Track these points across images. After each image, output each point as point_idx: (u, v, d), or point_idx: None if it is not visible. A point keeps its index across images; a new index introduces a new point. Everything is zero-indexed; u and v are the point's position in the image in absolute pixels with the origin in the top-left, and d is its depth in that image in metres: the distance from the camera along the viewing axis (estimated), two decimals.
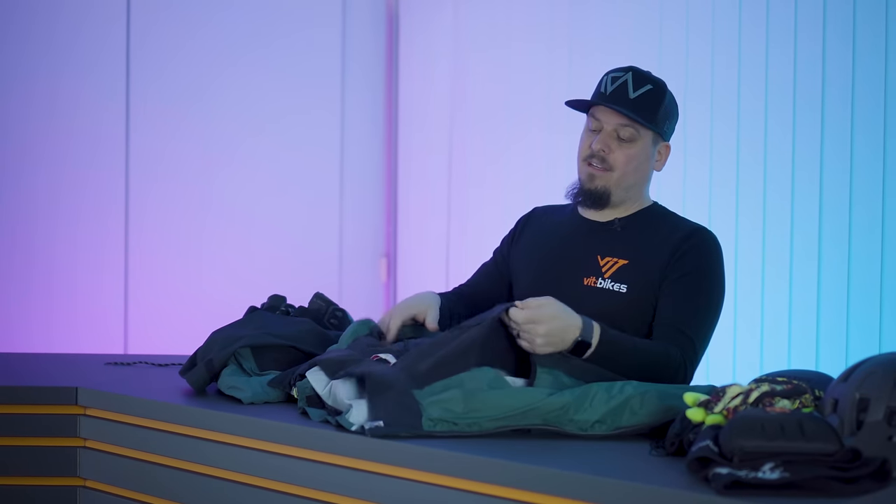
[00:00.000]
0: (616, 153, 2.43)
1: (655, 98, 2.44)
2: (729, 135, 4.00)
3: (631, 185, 2.47)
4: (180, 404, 2.34)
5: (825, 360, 3.74)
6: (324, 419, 2.11)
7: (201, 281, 4.89)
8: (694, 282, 2.38)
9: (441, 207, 5.12)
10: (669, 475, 1.69)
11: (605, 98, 2.43)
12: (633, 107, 2.41)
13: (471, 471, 1.84)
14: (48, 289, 4.62)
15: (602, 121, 2.44)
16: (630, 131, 2.43)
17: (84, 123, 4.67)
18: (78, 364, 2.96)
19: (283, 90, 5.09)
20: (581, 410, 1.98)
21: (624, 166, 2.44)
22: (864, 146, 3.67)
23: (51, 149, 4.62)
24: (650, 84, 2.44)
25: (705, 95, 4.04)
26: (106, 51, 4.72)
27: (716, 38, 4.06)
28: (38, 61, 4.57)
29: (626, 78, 2.44)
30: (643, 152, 2.45)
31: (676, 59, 4.15)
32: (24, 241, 4.58)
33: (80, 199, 4.68)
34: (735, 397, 1.78)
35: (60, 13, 4.60)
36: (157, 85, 4.80)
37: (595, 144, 2.43)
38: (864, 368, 1.75)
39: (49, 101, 4.59)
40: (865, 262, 3.66)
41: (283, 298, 2.71)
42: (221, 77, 4.95)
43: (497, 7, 4.90)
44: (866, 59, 3.64)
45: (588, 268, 2.44)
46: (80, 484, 2.54)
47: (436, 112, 5.18)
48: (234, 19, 4.99)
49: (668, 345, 2.33)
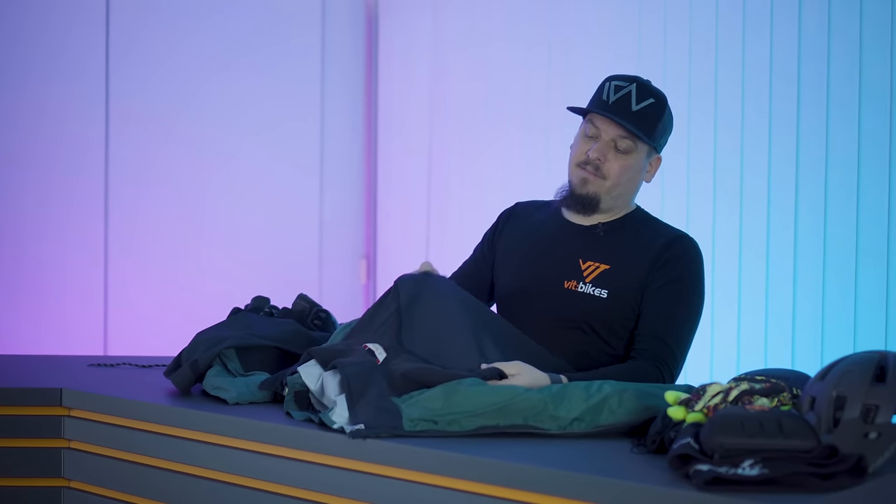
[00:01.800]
0: (611, 163, 2.44)
1: (656, 113, 2.45)
2: (707, 131, 4.02)
3: (620, 195, 2.48)
4: (165, 405, 2.35)
5: (801, 360, 3.77)
6: (306, 418, 2.14)
7: (181, 282, 4.89)
8: (675, 290, 2.40)
9: (421, 208, 5.14)
10: (651, 472, 1.72)
11: (608, 108, 2.43)
12: (634, 120, 2.42)
13: (454, 469, 1.86)
14: (28, 290, 4.61)
15: (601, 129, 2.44)
16: (628, 143, 2.43)
17: (65, 128, 4.67)
18: (61, 365, 2.96)
19: (262, 93, 5.09)
20: (560, 406, 2.01)
21: (618, 177, 2.45)
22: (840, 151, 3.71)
23: (32, 152, 4.61)
24: (652, 98, 2.45)
25: (683, 92, 4.07)
26: (90, 59, 4.72)
27: (693, 33, 4.09)
28: (26, 68, 4.56)
29: (630, 89, 2.44)
30: (637, 164, 2.46)
31: (654, 55, 4.18)
32: (7, 243, 4.58)
33: (60, 202, 4.67)
34: (715, 396, 1.81)
35: (47, 20, 4.60)
36: (139, 91, 4.80)
37: (592, 152, 2.43)
38: (840, 367, 1.78)
39: (35, 106, 4.59)
40: (841, 261, 3.70)
41: (266, 300, 2.73)
42: (199, 79, 4.95)
43: (476, 8, 4.92)
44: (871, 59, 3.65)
45: (569, 271, 2.45)
46: (64, 485, 2.55)
47: (415, 113, 5.19)
48: (215, 25, 4.99)
49: (637, 362, 2.35)
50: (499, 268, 2.59)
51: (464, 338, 2.24)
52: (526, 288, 2.48)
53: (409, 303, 2.30)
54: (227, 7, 5.03)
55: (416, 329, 2.27)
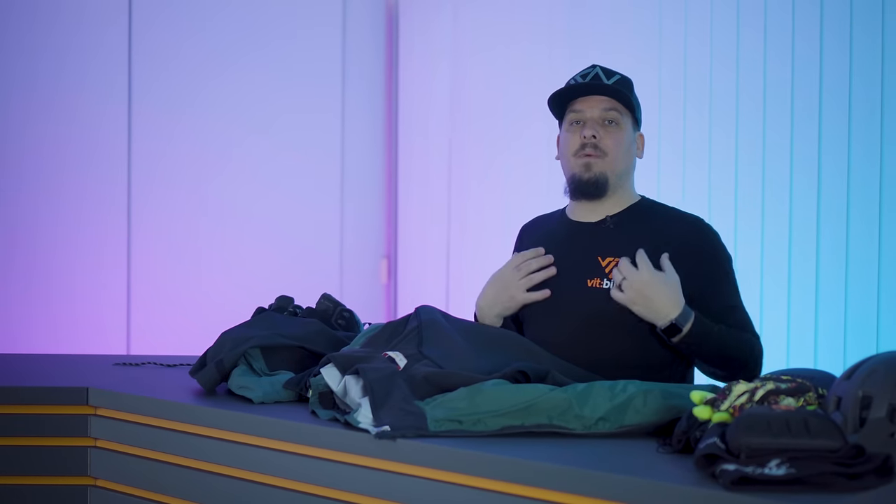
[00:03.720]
0: (606, 138, 2.46)
1: (627, 85, 2.50)
2: (728, 137, 4.02)
3: (622, 172, 2.49)
4: (191, 404, 2.37)
5: (823, 360, 3.76)
6: (332, 418, 2.15)
7: (202, 282, 4.91)
8: (728, 281, 2.47)
9: (441, 208, 5.15)
10: (676, 472, 1.72)
11: (584, 87, 2.47)
12: (612, 91, 2.47)
13: (479, 468, 1.86)
14: (51, 290, 4.64)
15: (584, 111, 2.47)
16: (614, 114, 2.47)
17: (87, 129, 4.70)
18: (87, 365, 2.98)
19: (283, 92, 5.12)
20: (585, 406, 2.01)
21: (615, 149, 2.46)
22: (861, 149, 3.70)
23: (55, 151, 4.64)
24: (618, 75, 2.51)
25: (704, 95, 4.07)
26: (106, 53, 4.74)
27: (714, 38, 4.08)
28: (39, 64, 4.59)
29: (595, 71, 2.50)
30: (627, 137, 2.49)
31: (675, 60, 4.18)
32: (27, 242, 4.61)
33: (84, 201, 4.70)
34: (741, 395, 1.81)
35: (60, 15, 4.63)
36: (157, 87, 4.83)
37: (585, 131, 2.45)
38: (866, 367, 1.78)
39: (59, 106, 4.62)
40: (863, 262, 3.69)
41: (290, 299, 2.74)
42: (222, 84, 4.97)
43: (497, 7, 4.93)
44: (862, 61, 3.67)
45: (590, 269, 2.45)
46: (90, 483, 2.57)
47: (436, 113, 5.20)
48: (236, 31, 5.01)
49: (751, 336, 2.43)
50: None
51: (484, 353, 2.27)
52: (552, 295, 2.48)
53: (430, 323, 2.33)
54: (248, 12, 5.04)
55: (436, 341, 2.29)
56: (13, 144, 4.58)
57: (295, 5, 5.17)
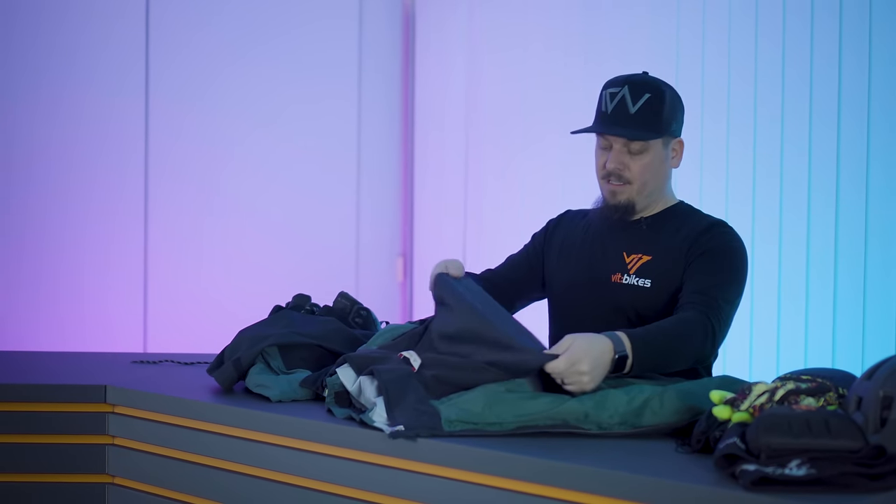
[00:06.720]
0: (631, 168, 2.46)
1: (655, 106, 2.44)
2: (747, 137, 4.01)
3: (652, 190, 2.51)
4: (208, 402, 2.37)
5: (842, 359, 3.75)
6: (348, 416, 2.15)
7: (219, 280, 4.92)
8: (717, 258, 2.41)
9: (457, 207, 5.15)
10: (696, 472, 1.72)
11: (607, 120, 2.45)
12: (634, 123, 2.42)
13: (494, 467, 1.86)
14: (67, 288, 4.66)
15: (610, 139, 2.48)
16: (639, 144, 2.45)
17: (105, 127, 4.71)
18: (105, 362, 2.99)
19: (300, 92, 5.12)
20: (602, 413, 2.01)
21: (641, 176, 2.47)
22: (879, 156, 3.68)
23: (73, 151, 4.66)
24: (647, 93, 2.44)
25: (721, 104, 4.06)
26: (122, 46, 4.75)
27: (732, 44, 4.07)
28: (51, 59, 4.61)
29: (623, 93, 2.44)
30: (657, 157, 2.48)
31: (692, 60, 4.17)
32: (44, 239, 4.62)
33: (99, 200, 4.72)
34: (761, 395, 1.80)
35: (72, 11, 4.64)
36: (179, 91, 4.84)
37: (609, 164, 2.46)
38: (887, 367, 1.77)
39: (76, 106, 4.63)
40: (882, 260, 3.67)
41: (307, 298, 2.74)
42: (238, 82, 4.98)
43: (512, 7, 4.92)
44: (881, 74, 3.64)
45: (615, 265, 2.50)
46: (108, 481, 2.58)
47: (452, 111, 5.20)
48: (253, 31, 5.02)
49: (685, 311, 2.32)
50: (551, 266, 2.63)
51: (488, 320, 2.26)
52: (577, 283, 2.54)
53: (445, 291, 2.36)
54: (264, 12, 5.05)
55: (442, 316, 2.31)
56: (34, 145, 4.59)
57: (311, 9, 5.17)
